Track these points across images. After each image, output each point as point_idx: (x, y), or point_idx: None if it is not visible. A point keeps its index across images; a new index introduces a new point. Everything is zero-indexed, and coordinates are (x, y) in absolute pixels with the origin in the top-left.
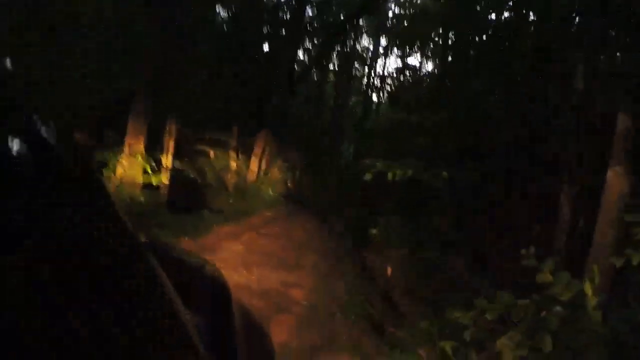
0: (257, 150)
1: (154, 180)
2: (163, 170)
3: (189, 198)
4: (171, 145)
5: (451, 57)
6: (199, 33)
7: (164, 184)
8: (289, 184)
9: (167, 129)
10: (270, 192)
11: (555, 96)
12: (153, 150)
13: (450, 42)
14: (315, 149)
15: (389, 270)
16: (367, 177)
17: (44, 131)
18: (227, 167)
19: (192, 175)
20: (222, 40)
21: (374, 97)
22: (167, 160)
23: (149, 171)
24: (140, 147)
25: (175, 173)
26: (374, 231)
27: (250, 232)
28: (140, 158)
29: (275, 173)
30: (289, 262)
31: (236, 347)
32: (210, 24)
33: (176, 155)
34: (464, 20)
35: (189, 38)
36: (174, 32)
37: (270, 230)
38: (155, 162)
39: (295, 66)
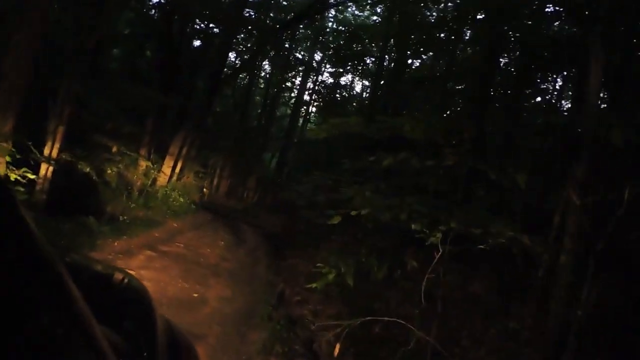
0: (173, 150)
1: (13, 175)
2: (43, 162)
3: (78, 199)
4: (60, 132)
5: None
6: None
7: (42, 178)
8: (205, 190)
9: (58, 112)
10: (181, 200)
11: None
12: (37, 137)
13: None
14: (238, 155)
15: (337, 349)
16: (335, 220)
17: None
18: (134, 166)
19: (87, 170)
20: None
21: (303, 111)
22: (51, 150)
23: (8, 161)
24: (5, 129)
25: (60, 167)
26: (315, 285)
27: (148, 250)
28: None
29: (191, 178)
30: (191, 297)
31: None
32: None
33: (68, 146)
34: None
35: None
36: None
37: (173, 248)
38: (28, 151)
39: (225, 68)
